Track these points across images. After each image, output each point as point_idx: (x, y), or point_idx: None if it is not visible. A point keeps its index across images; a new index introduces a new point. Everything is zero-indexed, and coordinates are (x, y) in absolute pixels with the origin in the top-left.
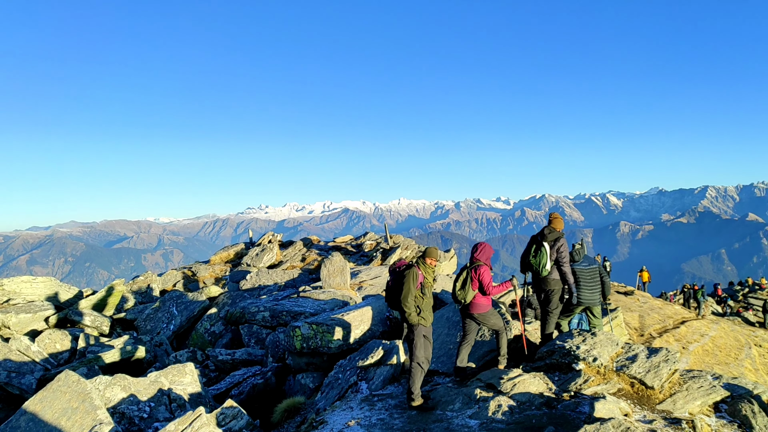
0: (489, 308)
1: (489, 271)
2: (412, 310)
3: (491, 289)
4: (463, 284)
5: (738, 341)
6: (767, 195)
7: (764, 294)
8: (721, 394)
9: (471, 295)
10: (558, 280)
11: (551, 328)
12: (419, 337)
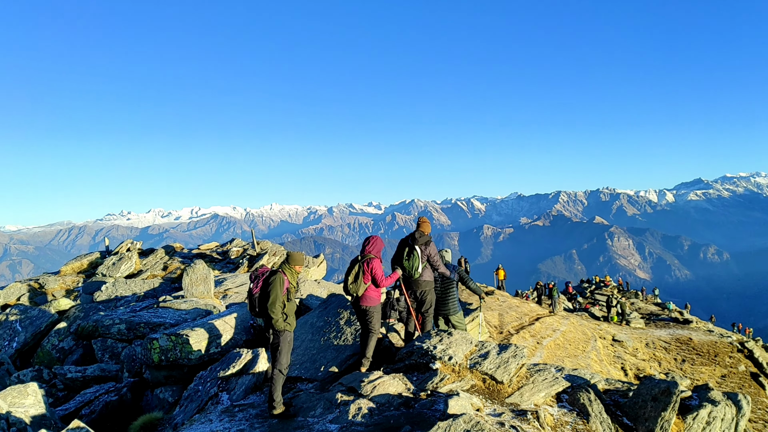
0: (379, 302)
1: (381, 263)
2: (279, 316)
3: (383, 282)
4: (356, 277)
5: (585, 334)
6: (610, 200)
7: (608, 290)
8: (563, 385)
9: (363, 287)
10: (430, 281)
11: (429, 327)
12: (285, 343)
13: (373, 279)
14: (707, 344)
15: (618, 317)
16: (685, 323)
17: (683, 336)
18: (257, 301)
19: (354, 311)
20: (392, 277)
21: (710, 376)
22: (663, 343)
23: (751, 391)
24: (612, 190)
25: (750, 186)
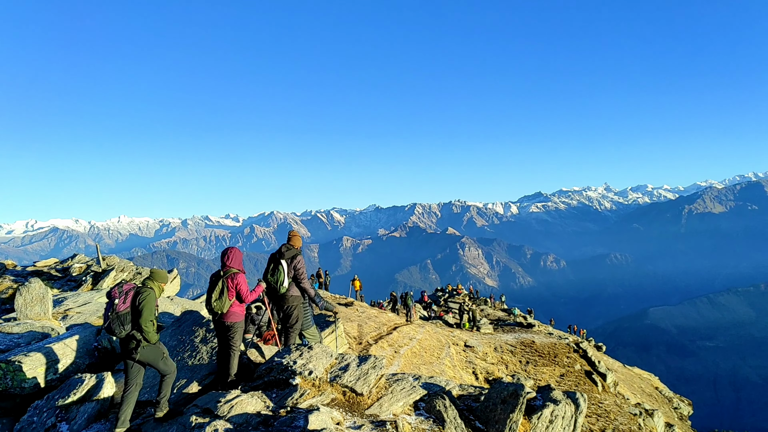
0: (243, 317)
1: (245, 277)
2: (152, 329)
3: (248, 297)
4: (220, 294)
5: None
6: (462, 211)
7: (460, 298)
8: (420, 393)
9: (228, 304)
10: (297, 296)
11: (293, 344)
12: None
13: (237, 294)
14: (548, 346)
15: (469, 324)
16: (528, 327)
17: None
18: (124, 318)
19: (214, 328)
20: (256, 290)
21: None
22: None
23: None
24: (463, 202)
25: (582, 199)
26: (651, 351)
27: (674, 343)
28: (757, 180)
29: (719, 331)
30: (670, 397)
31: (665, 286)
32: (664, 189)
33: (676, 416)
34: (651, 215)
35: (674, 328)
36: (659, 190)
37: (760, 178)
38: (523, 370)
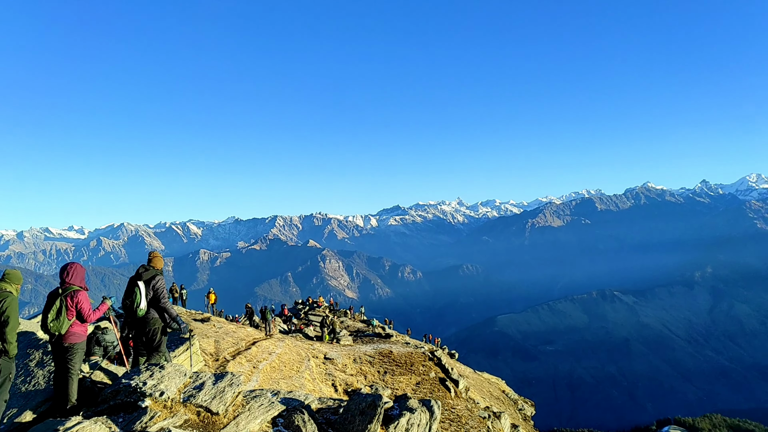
0: (85, 338)
1: (87, 295)
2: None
3: (91, 316)
4: (58, 314)
5: (300, 355)
6: (323, 224)
7: (321, 311)
8: (278, 409)
9: (67, 324)
10: (157, 318)
11: None
12: None
13: (78, 314)
14: (405, 355)
15: (329, 336)
16: (387, 337)
17: (385, 349)
18: None
19: (51, 350)
20: (101, 309)
21: (408, 384)
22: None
23: (440, 394)
24: (324, 215)
25: (437, 213)
26: (499, 356)
27: (519, 348)
28: (589, 197)
29: (558, 336)
30: (516, 399)
31: (511, 294)
32: (510, 204)
33: (520, 417)
34: (499, 228)
35: (519, 333)
36: (506, 204)
37: (592, 195)
38: (382, 380)
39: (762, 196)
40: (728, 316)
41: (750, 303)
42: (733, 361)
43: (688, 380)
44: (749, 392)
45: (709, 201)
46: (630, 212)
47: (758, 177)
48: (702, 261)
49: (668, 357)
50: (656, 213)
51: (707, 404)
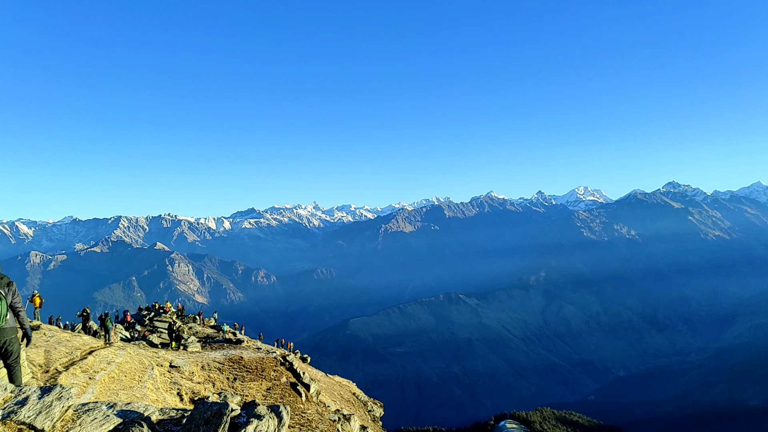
0: None
1: None
2: None
3: None
4: None
5: (143, 364)
6: (172, 226)
7: (167, 317)
8: (114, 422)
9: None
10: (15, 328)
11: (20, 380)
12: None
13: None
14: (256, 361)
15: (176, 343)
16: (237, 343)
17: (235, 355)
18: None
19: None
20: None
21: (258, 390)
22: (218, 364)
23: (290, 399)
24: (174, 216)
25: (293, 217)
26: (350, 359)
27: (370, 350)
28: (439, 204)
29: (407, 338)
30: (366, 401)
31: (364, 298)
32: (365, 209)
33: (370, 418)
34: (353, 233)
35: (370, 336)
36: (361, 210)
37: (441, 203)
38: (231, 387)
39: (588, 207)
40: (558, 317)
41: (576, 304)
42: (561, 358)
43: (523, 377)
44: (575, 386)
45: (544, 211)
46: (475, 219)
47: (585, 189)
48: (537, 266)
49: (506, 355)
50: (498, 221)
51: (539, 398)
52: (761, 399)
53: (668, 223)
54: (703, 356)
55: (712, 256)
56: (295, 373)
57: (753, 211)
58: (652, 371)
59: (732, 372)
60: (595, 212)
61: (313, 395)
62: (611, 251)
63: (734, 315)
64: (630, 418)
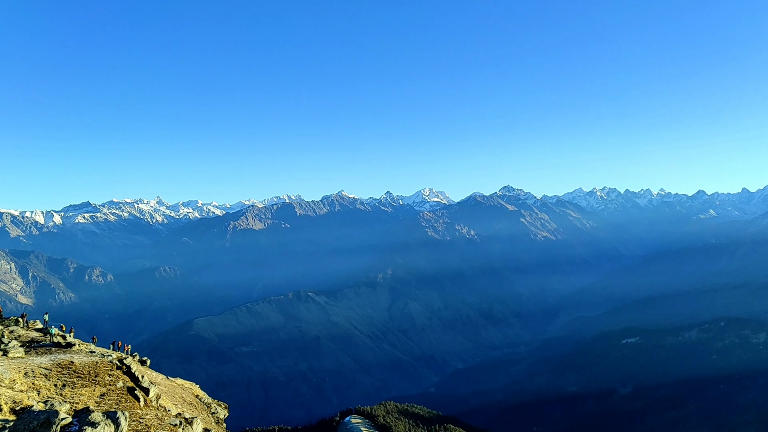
0: None
1: None
2: None
3: None
4: None
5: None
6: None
7: None
8: None
9: None
10: None
11: None
12: None
13: None
14: (89, 365)
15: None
16: (68, 347)
17: (65, 360)
18: None
19: None
20: None
21: (90, 397)
22: (44, 370)
23: (128, 405)
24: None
25: (134, 212)
26: (194, 360)
27: (215, 350)
28: (290, 202)
29: (254, 337)
30: (209, 403)
31: (211, 297)
32: (213, 205)
33: (213, 420)
34: (200, 229)
35: (216, 336)
36: (208, 206)
37: (293, 200)
38: (59, 394)
39: (433, 208)
40: (403, 313)
41: (420, 301)
42: (405, 352)
43: (368, 372)
44: (417, 379)
45: (391, 210)
46: (326, 218)
47: (430, 191)
48: (384, 264)
49: (353, 352)
50: (348, 220)
51: (383, 393)
52: (579, 385)
53: (503, 225)
54: (531, 347)
55: (541, 255)
56: (133, 377)
57: (575, 215)
58: (487, 363)
59: (555, 361)
60: (439, 213)
61: (152, 400)
62: (453, 250)
63: (558, 309)
64: (466, 408)
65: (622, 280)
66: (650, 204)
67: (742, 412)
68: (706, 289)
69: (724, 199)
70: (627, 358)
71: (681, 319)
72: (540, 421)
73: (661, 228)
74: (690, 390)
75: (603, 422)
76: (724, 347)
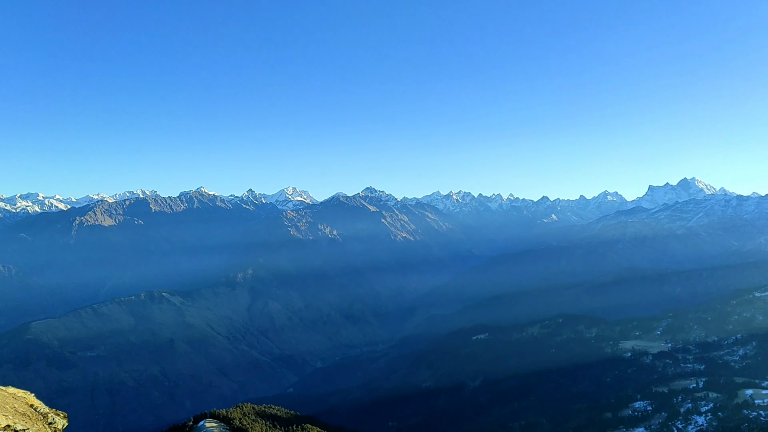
0: None
1: None
2: None
3: None
4: None
5: None
6: None
7: None
8: None
9: None
10: None
11: None
12: None
13: None
14: None
15: None
16: None
17: None
18: None
19: None
20: None
21: None
22: None
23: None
24: None
25: None
26: (31, 367)
27: (56, 356)
28: (144, 197)
29: (101, 340)
30: (46, 413)
31: (52, 298)
32: (56, 199)
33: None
34: (41, 225)
35: (57, 341)
36: (51, 199)
37: (147, 196)
38: None
39: (296, 207)
40: (263, 313)
41: (280, 301)
42: (264, 353)
43: (226, 374)
44: (276, 380)
45: (253, 209)
46: (183, 215)
47: (294, 190)
48: (245, 263)
49: (210, 354)
50: (208, 217)
51: (241, 395)
52: (432, 380)
53: (365, 225)
54: (389, 345)
55: (400, 256)
56: None
57: (433, 217)
58: (346, 361)
59: (410, 358)
60: (302, 212)
61: None
62: (315, 250)
63: (415, 308)
64: (325, 407)
65: (475, 279)
66: (501, 208)
67: (576, 401)
68: (548, 288)
69: (565, 205)
70: (477, 354)
71: (526, 316)
72: (395, 416)
73: (509, 231)
74: (532, 382)
75: (453, 415)
76: (562, 342)
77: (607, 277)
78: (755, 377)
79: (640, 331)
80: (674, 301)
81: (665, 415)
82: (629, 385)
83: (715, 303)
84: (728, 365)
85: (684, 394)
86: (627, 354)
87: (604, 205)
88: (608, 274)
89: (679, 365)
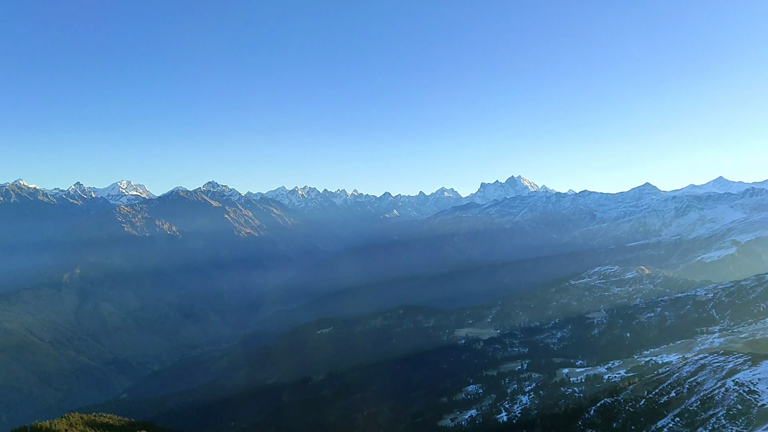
0: None
1: None
2: None
3: None
4: None
5: None
6: None
7: None
8: None
9: None
10: None
11: None
12: None
13: None
14: None
15: None
16: None
17: None
18: None
19: None
20: None
21: None
22: None
23: None
24: None
25: None
26: None
27: None
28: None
29: None
30: None
31: None
32: None
33: None
34: None
35: None
36: None
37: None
38: None
39: (131, 202)
40: (93, 316)
41: (113, 301)
42: (94, 358)
43: (49, 383)
44: (108, 386)
45: (82, 203)
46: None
47: (128, 184)
48: (72, 262)
49: (30, 362)
50: (27, 212)
51: (67, 404)
52: (277, 376)
53: (207, 221)
54: (232, 343)
55: (244, 252)
56: None
57: (278, 212)
58: (187, 362)
59: (255, 355)
60: (138, 207)
61: None
62: (152, 247)
63: (260, 304)
64: (163, 410)
65: (320, 274)
66: (345, 203)
67: (416, 388)
68: (390, 281)
69: (405, 201)
70: (321, 348)
71: (370, 308)
72: (238, 415)
73: (354, 226)
74: (375, 372)
75: (298, 410)
76: (403, 332)
77: (444, 269)
78: (571, 357)
79: (473, 319)
80: (503, 290)
81: (494, 397)
82: (463, 370)
83: (537, 291)
84: (548, 347)
85: (510, 376)
86: (461, 341)
87: (441, 200)
88: (446, 266)
89: (506, 349)
